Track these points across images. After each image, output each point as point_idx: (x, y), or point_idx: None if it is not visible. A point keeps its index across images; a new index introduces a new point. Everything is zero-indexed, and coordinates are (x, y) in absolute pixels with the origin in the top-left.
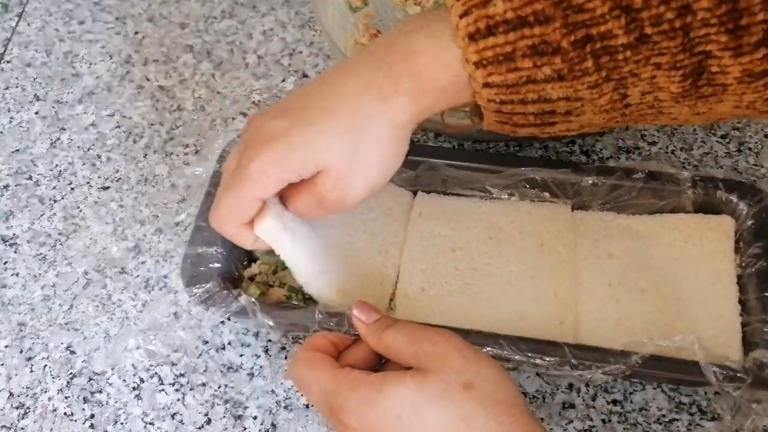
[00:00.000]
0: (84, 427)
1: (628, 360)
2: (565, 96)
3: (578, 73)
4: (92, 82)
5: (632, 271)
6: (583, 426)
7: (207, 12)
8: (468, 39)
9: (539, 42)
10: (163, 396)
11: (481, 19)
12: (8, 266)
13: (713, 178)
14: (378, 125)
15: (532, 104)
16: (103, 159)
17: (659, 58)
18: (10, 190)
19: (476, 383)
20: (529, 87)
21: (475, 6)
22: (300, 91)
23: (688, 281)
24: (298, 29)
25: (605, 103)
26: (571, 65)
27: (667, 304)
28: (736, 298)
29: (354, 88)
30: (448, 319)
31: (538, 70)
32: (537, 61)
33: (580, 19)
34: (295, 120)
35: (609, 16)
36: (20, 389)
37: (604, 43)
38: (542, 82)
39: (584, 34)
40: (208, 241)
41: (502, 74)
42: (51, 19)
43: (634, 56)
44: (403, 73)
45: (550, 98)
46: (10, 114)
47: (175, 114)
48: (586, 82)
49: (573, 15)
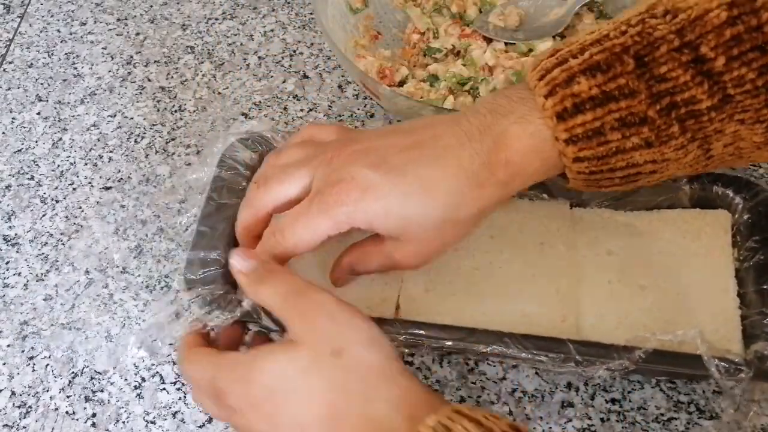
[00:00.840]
0: (86, 426)
1: (632, 355)
2: (651, 159)
3: (665, 138)
4: (94, 82)
5: (631, 267)
6: (582, 425)
7: (208, 13)
8: (556, 118)
9: (626, 114)
10: (164, 395)
11: (567, 98)
12: (10, 266)
13: (709, 173)
14: (468, 212)
15: (620, 170)
16: (105, 159)
17: (742, 114)
18: (12, 190)
19: (346, 349)
20: (618, 157)
21: (559, 85)
22: (396, 137)
23: (686, 276)
24: (298, 30)
25: (690, 160)
26: (659, 132)
27: (667, 300)
28: (735, 292)
29: (452, 169)
30: (453, 319)
31: (626, 141)
32: (625, 132)
33: (664, 88)
34: (392, 180)
35: (692, 83)
36: (22, 388)
37: (689, 108)
38: (630, 151)
39: (669, 102)
40: (211, 246)
41: (593, 148)
42: (53, 20)
43: (719, 116)
44: (497, 161)
45: (637, 163)
46: (12, 114)
47: (177, 115)
48: (672, 146)
49: (657, 85)
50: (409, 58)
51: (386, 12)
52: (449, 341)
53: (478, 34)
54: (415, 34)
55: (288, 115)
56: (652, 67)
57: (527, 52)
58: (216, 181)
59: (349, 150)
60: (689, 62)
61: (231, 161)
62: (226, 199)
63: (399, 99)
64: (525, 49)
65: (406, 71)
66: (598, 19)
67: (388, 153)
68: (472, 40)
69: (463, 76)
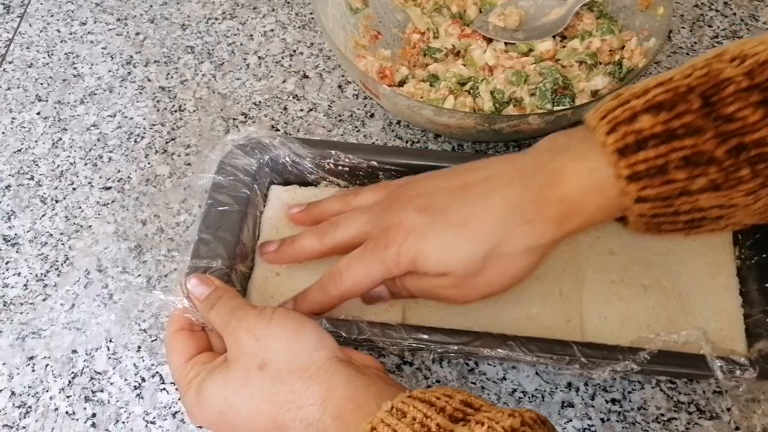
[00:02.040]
0: (85, 426)
1: (637, 357)
2: (718, 204)
3: (734, 181)
4: (94, 82)
5: (634, 267)
6: (582, 425)
7: (208, 13)
8: (618, 154)
9: (692, 153)
10: (164, 395)
11: (629, 134)
12: (10, 266)
13: None
14: (515, 247)
15: (684, 214)
16: (105, 159)
17: None
18: (12, 190)
19: (269, 360)
20: (683, 199)
21: (621, 123)
22: (450, 179)
23: (689, 275)
24: (298, 30)
25: (760, 207)
26: (727, 174)
27: (670, 299)
28: (737, 290)
29: (497, 205)
30: (458, 323)
31: (692, 181)
32: (692, 172)
33: (732, 128)
34: (433, 221)
35: (761, 123)
36: (22, 388)
37: (760, 150)
38: (696, 193)
39: (737, 143)
40: (211, 255)
41: (656, 187)
42: (52, 20)
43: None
44: (549, 197)
45: (702, 207)
46: (12, 114)
47: (177, 115)
48: (742, 190)
49: (724, 125)
50: (409, 58)
51: (386, 12)
52: (455, 345)
53: (478, 34)
54: (415, 34)
55: (288, 114)
56: (719, 107)
57: (527, 52)
58: (215, 188)
59: (405, 195)
60: (759, 102)
61: (230, 168)
62: (226, 206)
63: (399, 99)
64: (525, 49)
65: (406, 71)
66: (598, 19)
67: (437, 196)
68: (472, 40)
69: (463, 76)
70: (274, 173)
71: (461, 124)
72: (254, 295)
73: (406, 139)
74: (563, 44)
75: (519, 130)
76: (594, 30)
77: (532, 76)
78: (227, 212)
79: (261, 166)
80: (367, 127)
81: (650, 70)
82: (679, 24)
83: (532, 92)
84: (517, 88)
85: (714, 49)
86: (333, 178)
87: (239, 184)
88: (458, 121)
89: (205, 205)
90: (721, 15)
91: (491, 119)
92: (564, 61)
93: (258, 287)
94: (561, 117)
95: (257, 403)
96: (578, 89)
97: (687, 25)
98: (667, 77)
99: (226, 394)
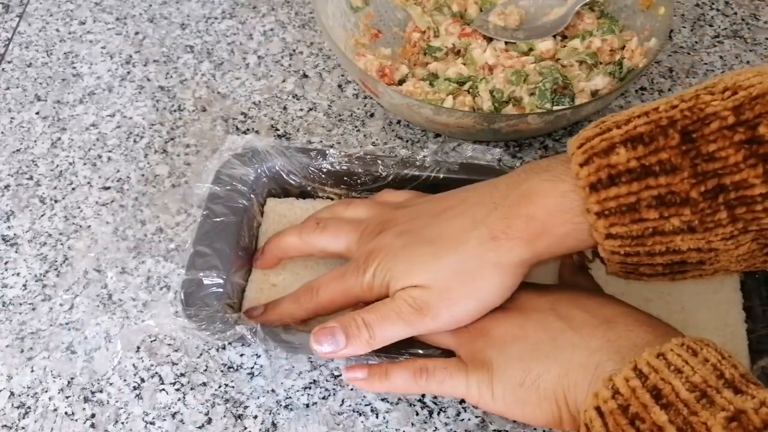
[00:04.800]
0: (85, 426)
1: None
2: (696, 247)
3: (711, 224)
4: (93, 82)
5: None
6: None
7: (207, 12)
8: (589, 189)
9: (665, 192)
10: (163, 395)
11: (602, 168)
12: (9, 266)
13: None
14: (481, 263)
15: (660, 256)
16: (104, 159)
17: None
18: (10, 190)
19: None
20: (656, 239)
21: (597, 155)
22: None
23: (691, 289)
24: (298, 29)
25: (743, 253)
26: (703, 217)
27: (672, 313)
28: (741, 305)
29: (465, 223)
30: None
31: (665, 222)
32: (664, 212)
33: (711, 168)
34: (409, 241)
35: (744, 164)
36: (21, 389)
37: (740, 193)
38: (671, 234)
39: (716, 184)
40: (207, 266)
41: (626, 225)
42: (52, 19)
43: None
44: (517, 214)
45: (679, 249)
46: (11, 114)
47: (176, 114)
48: (720, 234)
49: (703, 164)
50: (409, 57)
51: (387, 10)
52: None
53: (479, 33)
54: (415, 32)
55: (287, 114)
56: (700, 144)
57: (527, 51)
58: (212, 199)
59: (394, 221)
60: (743, 142)
61: (227, 178)
62: (222, 217)
63: (398, 98)
64: (525, 49)
65: (406, 70)
66: (599, 19)
67: (418, 222)
68: (473, 39)
69: (463, 75)
70: (272, 183)
71: (460, 123)
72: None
73: (406, 138)
74: (563, 44)
75: (518, 130)
76: (595, 30)
77: (532, 76)
78: (223, 223)
79: (258, 176)
80: (367, 127)
81: (651, 70)
82: (680, 23)
83: (532, 92)
84: (516, 87)
85: (710, 80)
86: (330, 189)
87: (236, 195)
88: (457, 120)
89: (201, 216)
90: (722, 14)
91: (490, 118)
92: (564, 60)
93: (253, 299)
94: (560, 117)
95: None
96: (578, 89)
97: (688, 24)
98: (652, 107)
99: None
